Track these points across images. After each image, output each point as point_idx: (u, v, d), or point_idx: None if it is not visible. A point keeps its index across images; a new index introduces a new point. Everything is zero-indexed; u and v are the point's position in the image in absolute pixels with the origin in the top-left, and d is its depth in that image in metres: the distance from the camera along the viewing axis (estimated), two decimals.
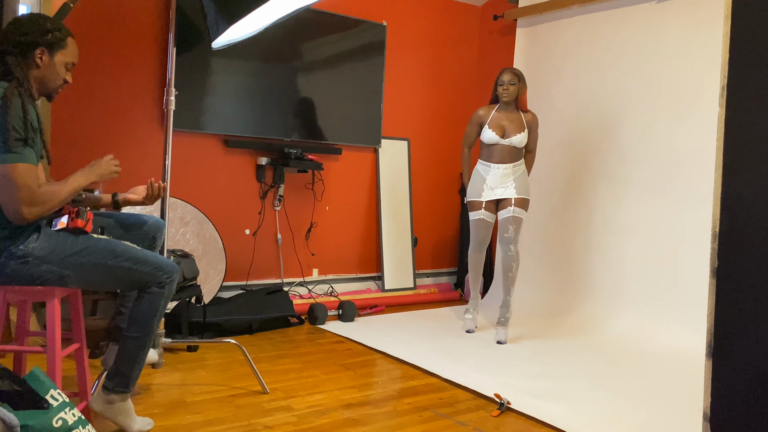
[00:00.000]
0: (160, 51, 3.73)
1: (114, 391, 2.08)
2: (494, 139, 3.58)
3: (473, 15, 5.20)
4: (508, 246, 3.54)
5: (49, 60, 1.97)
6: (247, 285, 4.11)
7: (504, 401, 2.56)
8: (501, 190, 3.61)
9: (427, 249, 5.06)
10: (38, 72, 1.97)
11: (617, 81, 4.04)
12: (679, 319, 3.57)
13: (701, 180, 3.60)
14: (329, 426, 2.31)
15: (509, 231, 3.54)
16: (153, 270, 2.06)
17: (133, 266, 2.02)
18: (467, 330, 3.76)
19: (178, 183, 3.83)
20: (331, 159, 4.46)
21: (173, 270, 2.12)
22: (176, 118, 3.69)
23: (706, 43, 3.62)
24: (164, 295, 2.10)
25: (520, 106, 3.63)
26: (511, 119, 3.60)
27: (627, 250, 3.90)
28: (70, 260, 1.94)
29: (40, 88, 2.01)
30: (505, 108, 3.62)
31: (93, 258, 1.96)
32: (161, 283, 2.08)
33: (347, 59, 4.39)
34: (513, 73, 3.57)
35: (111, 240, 2.04)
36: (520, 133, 3.57)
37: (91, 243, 1.98)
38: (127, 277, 2.03)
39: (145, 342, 2.10)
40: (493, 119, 3.61)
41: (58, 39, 1.98)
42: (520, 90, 3.58)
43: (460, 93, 5.17)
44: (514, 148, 3.59)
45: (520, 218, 3.56)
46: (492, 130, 3.58)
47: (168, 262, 2.11)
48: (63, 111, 3.43)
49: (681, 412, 2.60)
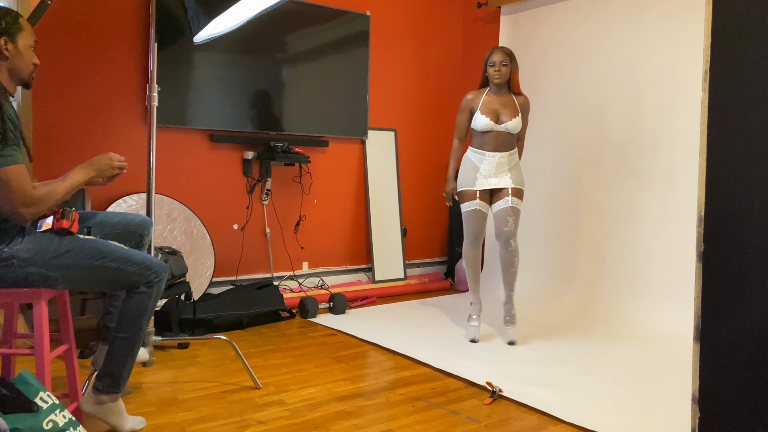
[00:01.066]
0: (142, 47, 3.69)
1: (104, 392, 2.07)
2: (488, 125, 3.28)
3: (457, 3, 5.18)
4: (508, 241, 3.27)
5: (14, 47, 1.91)
6: (237, 280, 4.10)
7: (496, 389, 2.57)
8: (496, 179, 3.33)
9: (416, 239, 5.07)
10: (7, 63, 1.91)
11: (602, 67, 4.05)
12: (666, 303, 3.60)
13: (687, 164, 3.62)
14: (322, 419, 2.31)
15: (509, 224, 3.27)
16: (141, 269, 2.03)
17: (120, 266, 2.00)
18: (471, 339, 3.36)
19: (163, 179, 3.80)
20: (318, 151, 4.44)
21: (161, 269, 2.10)
22: (160, 113, 3.65)
23: (689, 27, 3.63)
24: (153, 295, 2.08)
25: (513, 88, 3.34)
26: (504, 103, 3.31)
27: (613, 236, 3.93)
28: (55, 262, 1.91)
29: (13, 80, 1.96)
30: (496, 91, 3.33)
31: (78, 259, 1.94)
32: (149, 283, 2.06)
33: (331, 50, 4.37)
34: (504, 52, 3.28)
35: (97, 240, 2.01)
36: (514, 117, 3.30)
37: (77, 244, 1.95)
38: (114, 277, 2.01)
39: (135, 342, 2.09)
40: (485, 104, 3.31)
41: (12, 23, 1.91)
42: (513, 71, 3.30)
43: (446, 82, 5.16)
44: (509, 135, 3.32)
45: (518, 209, 3.31)
46: (485, 115, 3.29)
47: (156, 261, 2.09)
48: (45, 108, 3.39)
49: (670, 395, 2.63)
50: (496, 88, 3.33)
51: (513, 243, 3.28)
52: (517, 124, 3.31)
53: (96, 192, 3.55)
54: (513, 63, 3.30)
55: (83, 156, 3.51)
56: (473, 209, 3.34)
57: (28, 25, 1.98)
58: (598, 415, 2.38)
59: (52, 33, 3.39)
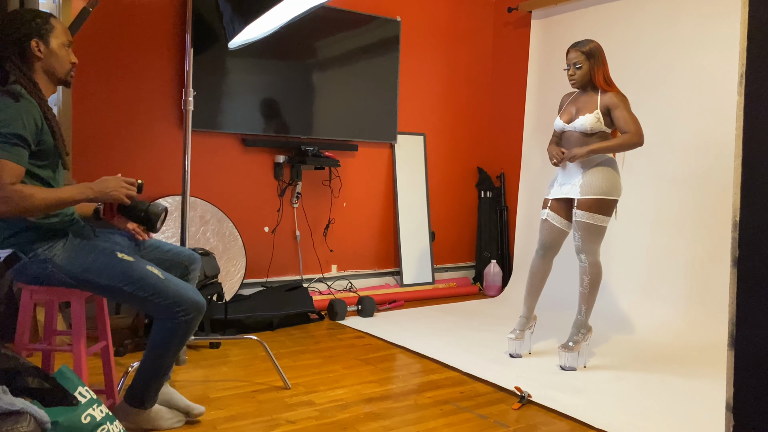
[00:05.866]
0: (178, 52, 3.77)
1: (129, 403, 2.06)
2: (559, 126, 3.08)
3: (487, 8, 5.17)
4: (578, 255, 3.01)
5: (46, 48, 1.92)
6: (267, 282, 4.15)
7: (525, 394, 2.56)
8: (568, 187, 3.04)
9: (445, 243, 5.06)
10: (42, 63, 1.92)
11: (634, 71, 4.00)
12: (701, 310, 3.54)
13: (721, 169, 3.56)
14: (351, 420, 2.33)
15: (576, 238, 3.00)
16: (169, 304, 1.96)
17: (148, 297, 1.94)
18: (510, 354, 3.17)
19: (197, 182, 3.87)
20: (347, 156, 4.48)
21: (193, 307, 1.98)
22: (194, 117, 3.73)
23: (723, 30, 3.57)
24: (177, 332, 1.99)
25: (600, 85, 2.98)
26: (584, 101, 3.02)
27: (649, 242, 3.87)
28: (86, 276, 1.92)
29: (51, 79, 1.96)
30: (583, 92, 3.05)
31: (108, 280, 1.92)
32: (176, 320, 1.98)
33: (362, 55, 4.40)
34: (579, 50, 2.96)
35: (134, 263, 1.96)
36: (586, 114, 2.97)
37: (111, 263, 1.93)
38: (141, 305, 1.96)
39: (157, 370, 2.04)
40: (568, 105, 3.10)
41: (43, 24, 1.91)
42: (594, 68, 2.96)
43: (476, 86, 5.16)
44: (582, 135, 2.98)
45: (585, 223, 2.94)
46: (560, 115, 3.10)
47: (189, 298, 1.98)
48: (82, 115, 3.49)
49: (703, 402, 2.58)
50: (582, 89, 3.06)
51: (584, 258, 2.99)
52: (587, 122, 2.95)
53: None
54: (591, 60, 2.95)
55: (120, 158, 3.60)
56: (543, 219, 3.13)
57: (61, 24, 1.98)
58: (627, 420, 2.35)
59: (93, 38, 3.49)
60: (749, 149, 1.28)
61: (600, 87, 2.98)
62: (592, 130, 2.95)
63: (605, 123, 2.96)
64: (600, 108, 2.95)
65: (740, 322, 1.30)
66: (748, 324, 1.29)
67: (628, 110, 2.93)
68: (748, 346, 1.29)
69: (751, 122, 1.28)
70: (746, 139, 1.29)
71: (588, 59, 2.95)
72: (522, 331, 3.17)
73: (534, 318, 3.23)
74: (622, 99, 2.94)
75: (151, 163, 3.72)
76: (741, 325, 1.30)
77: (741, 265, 1.30)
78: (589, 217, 2.94)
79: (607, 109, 2.95)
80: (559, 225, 3.09)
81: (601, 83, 2.97)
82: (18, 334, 2.03)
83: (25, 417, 1.43)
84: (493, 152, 5.20)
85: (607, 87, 2.97)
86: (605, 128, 2.96)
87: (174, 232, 3.60)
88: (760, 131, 1.27)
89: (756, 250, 1.27)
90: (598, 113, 2.94)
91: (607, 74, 3.00)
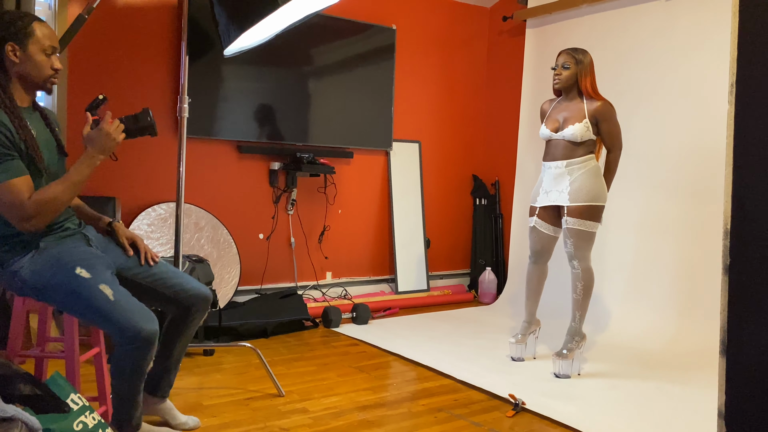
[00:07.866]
0: (173, 59, 3.78)
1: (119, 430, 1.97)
2: (545, 134, 3.08)
3: (482, 16, 5.20)
4: (571, 262, 3.01)
5: (23, 53, 1.83)
6: (262, 289, 4.14)
7: (519, 401, 2.56)
8: (555, 194, 3.05)
9: (440, 251, 5.07)
10: (18, 69, 1.84)
11: (628, 80, 4.03)
12: (693, 317, 3.55)
13: (712, 177, 3.58)
14: (344, 428, 2.32)
15: (567, 245, 3.01)
16: (113, 331, 1.81)
17: (94, 320, 1.83)
18: (512, 357, 3.23)
19: (192, 189, 3.87)
20: (342, 162, 4.48)
21: (135, 337, 1.79)
22: (189, 125, 3.73)
23: (716, 40, 3.60)
24: (128, 360, 1.83)
25: (586, 93, 2.99)
26: (571, 110, 3.02)
27: (640, 249, 3.88)
28: (45, 292, 1.85)
29: (27, 85, 1.88)
30: (566, 98, 3.06)
31: (62, 298, 1.85)
32: (122, 347, 1.82)
33: (357, 63, 4.42)
34: (570, 54, 2.99)
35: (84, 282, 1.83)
36: (575, 124, 2.97)
37: (65, 281, 1.83)
38: (95, 327, 1.88)
39: (120, 395, 1.91)
40: (552, 112, 3.11)
41: (22, 28, 1.83)
42: (581, 74, 2.98)
43: (471, 94, 5.18)
44: (570, 144, 2.99)
45: (577, 230, 2.96)
46: (545, 123, 3.10)
47: (135, 326, 1.79)
48: (78, 121, 3.49)
49: (696, 410, 2.58)
50: (566, 94, 3.07)
51: (576, 265, 3.01)
52: (576, 131, 2.96)
53: (125, 200, 3.63)
54: (580, 65, 2.98)
55: (115, 163, 3.59)
56: (531, 226, 3.17)
57: (47, 29, 1.89)
58: (621, 428, 2.36)
59: (89, 46, 3.50)
60: (740, 157, 1.29)
61: (586, 94, 3.01)
62: (582, 138, 2.97)
63: (593, 131, 3.00)
64: (588, 117, 2.98)
65: (731, 330, 1.31)
66: (739, 331, 1.29)
67: (617, 124, 3.01)
68: (740, 354, 1.29)
69: (742, 130, 1.29)
70: (737, 147, 1.30)
71: (577, 64, 2.99)
72: (524, 335, 3.22)
73: (537, 323, 3.26)
74: (612, 112, 2.99)
75: (146, 169, 3.72)
76: (732, 332, 1.31)
77: (732, 273, 1.30)
78: (580, 224, 2.97)
79: (595, 119, 2.98)
80: (547, 232, 3.14)
81: (588, 90, 3.00)
82: (10, 340, 2.02)
83: (17, 424, 1.42)
84: (488, 160, 5.22)
85: (594, 95, 3.00)
86: (593, 137, 3.01)
87: (168, 239, 3.59)
88: (750, 139, 1.28)
89: (747, 257, 1.28)
90: (587, 122, 2.97)
91: (594, 83, 3.03)
